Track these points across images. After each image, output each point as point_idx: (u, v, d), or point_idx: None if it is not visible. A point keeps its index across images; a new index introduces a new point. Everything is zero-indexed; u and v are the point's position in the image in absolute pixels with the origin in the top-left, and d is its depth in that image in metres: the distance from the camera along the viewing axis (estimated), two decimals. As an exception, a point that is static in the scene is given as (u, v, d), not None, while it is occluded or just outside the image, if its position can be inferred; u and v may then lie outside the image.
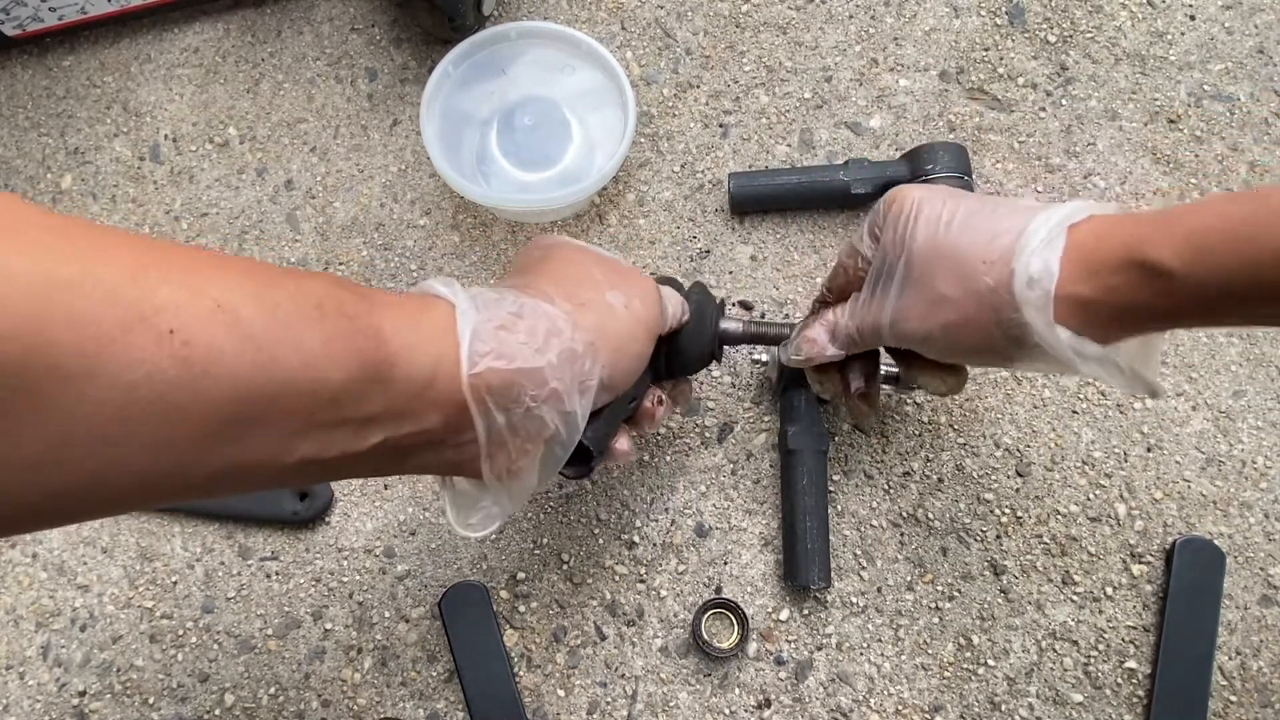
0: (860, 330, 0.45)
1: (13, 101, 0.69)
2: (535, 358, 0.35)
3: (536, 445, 0.37)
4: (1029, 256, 0.37)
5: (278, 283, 0.30)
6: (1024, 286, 0.37)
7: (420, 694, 0.57)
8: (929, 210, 0.41)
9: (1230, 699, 0.55)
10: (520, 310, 0.36)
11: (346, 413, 0.31)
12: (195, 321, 0.27)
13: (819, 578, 0.55)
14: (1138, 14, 0.68)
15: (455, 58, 0.62)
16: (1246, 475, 0.59)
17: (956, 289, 0.39)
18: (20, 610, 0.59)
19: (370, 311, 0.32)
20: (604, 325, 0.39)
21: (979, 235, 0.39)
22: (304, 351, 0.29)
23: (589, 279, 0.41)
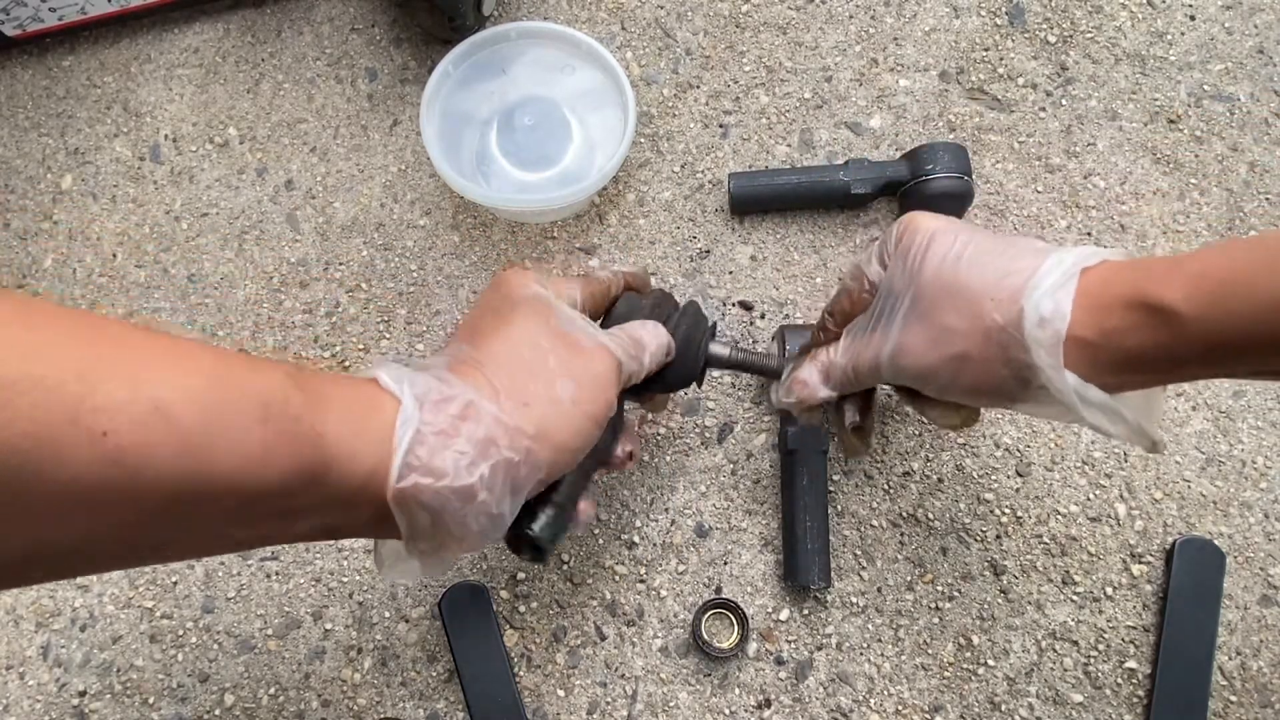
0: (856, 368, 0.45)
1: (13, 101, 0.69)
2: (466, 474, 0.35)
3: (460, 541, 0.37)
4: (1040, 296, 0.36)
5: (228, 379, 0.30)
6: (1034, 326, 0.37)
7: (420, 694, 0.57)
8: (940, 244, 0.40)
9: (1230, 699, 0.55)
10: (464, 412, 0.36)
11: (279, 507, 0.32)
12: (130, 424, 0.27)
13: (819, 578, 0.55)
14: (1138, 14, 0.68)
15: (455, 58, 0.62)
16: (1246, 475, 0.59)
17: (963, 323, 0.39)
18: (20, 610, 0.59)
19: (315, 412, 0.33)
20: (546, 425, 0.38)
21: (990, 272, 0.38)
22: (241, 454, 0.30)
23: (541, 368, 0.40)
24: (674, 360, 0.47)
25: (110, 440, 0.27)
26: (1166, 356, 0.35)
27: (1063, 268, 0.37)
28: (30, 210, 0.67)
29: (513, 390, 0.38)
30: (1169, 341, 0.34)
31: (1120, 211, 0.64)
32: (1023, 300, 0.37)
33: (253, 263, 0.65)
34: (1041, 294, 0.36)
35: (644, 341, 0.44)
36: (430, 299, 0.64)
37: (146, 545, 0.31)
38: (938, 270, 0.40)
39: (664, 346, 0.46)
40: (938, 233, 0.41)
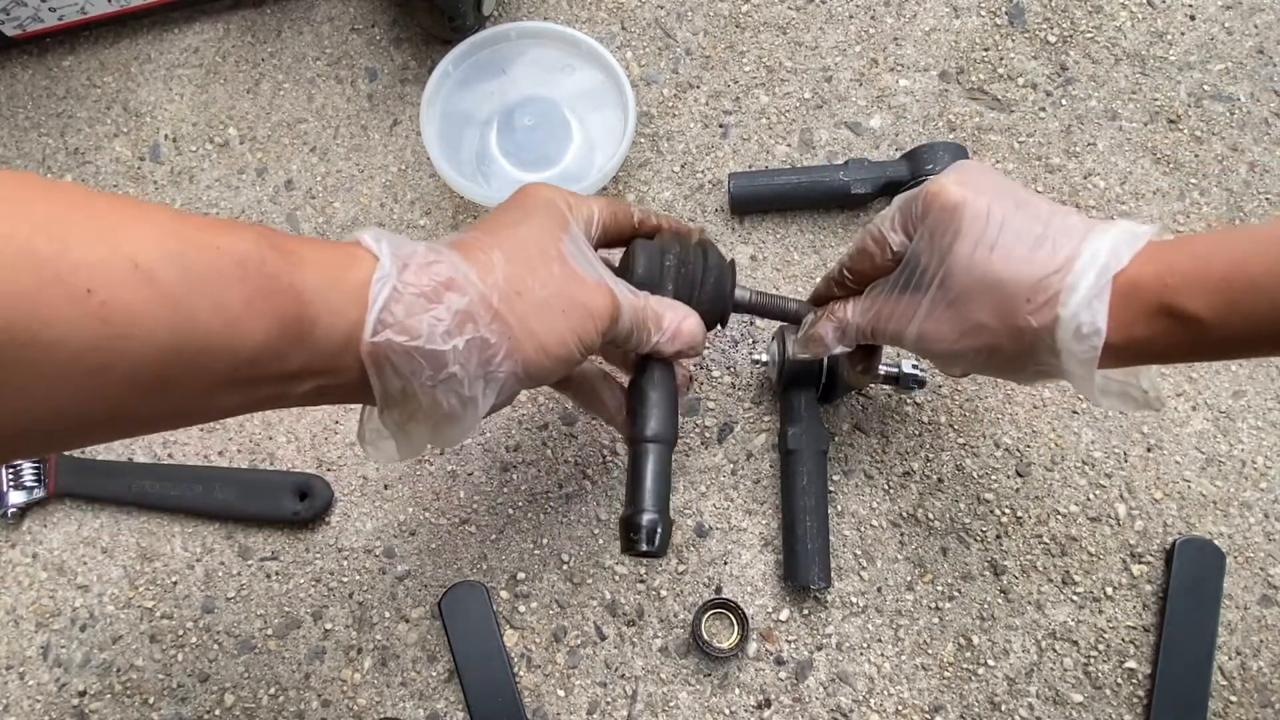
0: (875, 332, 0.45)
1: (13, 101, 0.69)
2: (440, 340, 0.35)
3: (430, 417, 0.37)
4: (1077, 307, 0.37)
5: (199, 239, 0.30)
6: (1070, 337, 0.37)
7: (420, 694, 0.57)
8: (971, 228, 0.39)
9: (1230, 699, 0.55)
10: (450, 282, 0.36)
11: (269, 370, 0.32)
12: (112, 281, 0.27)
13: (819, 578, 0.55)
14: (1138, 14, 0.68)
15: (455, 58, 0.62)
16: (1246, 475, 0.59)
17: (996, 321, 0.39)
18: (20, 610, 0.59)
19: (293, 270, 0.32)
20: (532, 322, 0.38)
21: (1024, 269, 0.38)
22: (223, 311, 0.29)
23: (543, 270, 0.39)
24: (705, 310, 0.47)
25: (95, 298, 0.26)
26: (1186, 353, 0.37)
27: (1096, 269, 0.37)
28: (30, 210, 0.67)
29: (510, 277, 0.38)
30: (1191, 342, 0.36)
31: (1120, 211, 0.64)
32: (1059, 309, 0.37)
33: (253, 263, 0.65)
34: (1078, 303, 0.37)
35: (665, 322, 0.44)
36: (430, 299, 0.64)
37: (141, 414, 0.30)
38: (969, 261, 0.39)
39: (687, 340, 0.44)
40: (967, 212, 0.40)
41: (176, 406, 0.31)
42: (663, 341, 0.44)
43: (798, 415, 0.57)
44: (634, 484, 0.44)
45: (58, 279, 0.25)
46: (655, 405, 0.44)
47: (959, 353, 0.41)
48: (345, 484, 0.61)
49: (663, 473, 0.44)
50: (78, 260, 0.26)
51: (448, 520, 0.60)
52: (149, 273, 0.27)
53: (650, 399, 0.45)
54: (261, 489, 0.59)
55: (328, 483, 0.59)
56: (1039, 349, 0.39)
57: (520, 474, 0.61)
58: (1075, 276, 0.37)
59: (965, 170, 0.41)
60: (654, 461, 0.44)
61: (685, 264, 0.46)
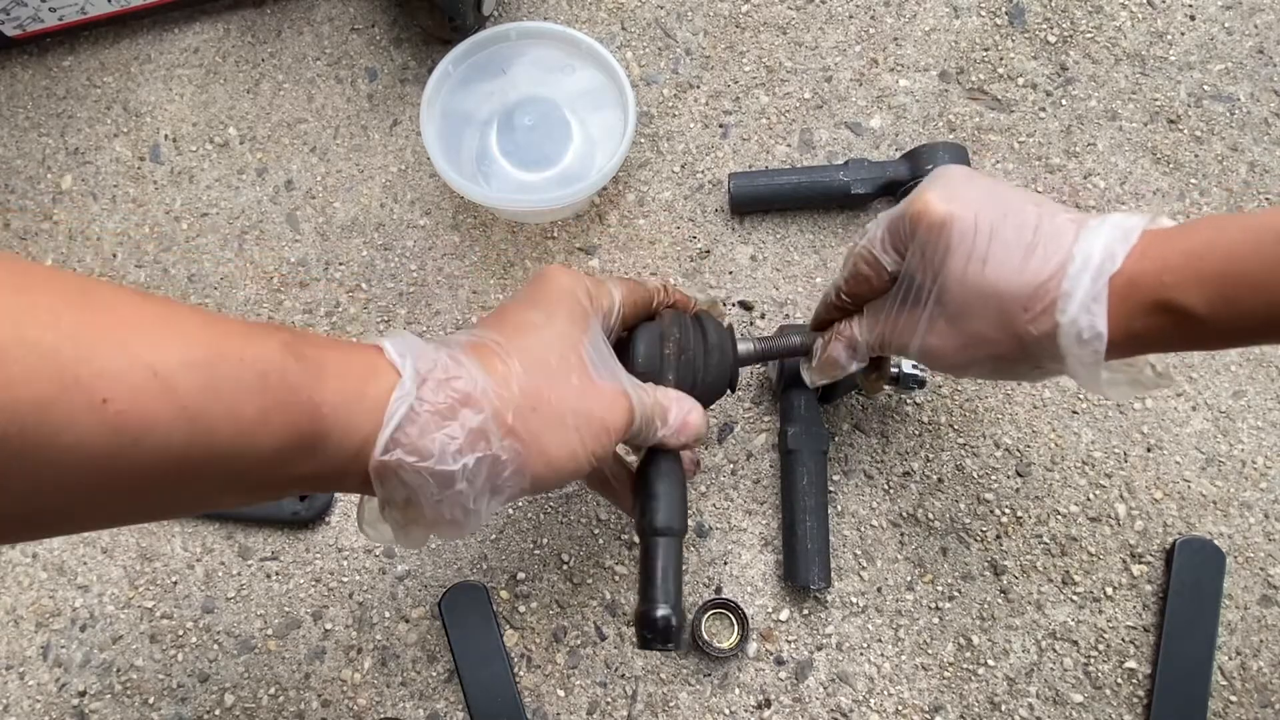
0: (884, 345, 0.46)
1: (13, 101, 0.69)
2: (450, 460, 0.35)
3: (432, 525, 0.37)
4: (1075, 313, 0.37)
5: (224, 348, 0.30)
6: (1072, 342, 0.38)
7: (420, 694, 0.57)
8: (961, 242, 0.40)
9: (1230, 699, 0.55)
10: (467, 398, 0.36)
11: (274, 474, 0.32)
12: (129, 390, 0.27)
13: (819, 578, 0.55)
14: (1138, 14, 0.68)
15: (455, 58, 0.62)
16: (1246, 475, 0.59)
17: (995, 332, 0.40)
18: (20, 610, 0.59)
19: (313, 383, 0.32)
20: (543, 438, 0.38)
21: (1018, 278, 0.38)
22: (239, 421, 0.30)
23: (562, 381, 0.39)
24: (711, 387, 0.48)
25: (110, 407, 0.26)
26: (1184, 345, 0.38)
27: (1091, 271, 0.37)
28: (30, 210, 0.67)
29: (527, 391, 0.38)
30: (1188, 335, 0.36)
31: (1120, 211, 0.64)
32: (1057, 315, 0.37)
33: (253, 263, 0.65)
34: (1076, 309, 0.37)
35: (670, 417, 0.44)
36: (430, 299, 0.64)
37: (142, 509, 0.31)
38: (963, 276, 0.39)
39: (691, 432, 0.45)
40: (955, 228, 0.40)
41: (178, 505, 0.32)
42: (668, 435, 0.44)
43: (798, 415, 0.57)
44: (646, 578, 0.44)
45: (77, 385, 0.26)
46: (663, 497, 0.44)
47: (963, 365, 0.42)
48: (345, 484, 0.61)
49: (674, 565, 0.44)
50: (99, 369, 0.26)
51: (447, 520, 0.60)
52: (167, 381, 0.28)
53: (658, 492, 0.45)
54: (261, 489, 0.59)
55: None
56: (1042, 355, 0.39)
57: (520, 474, 0.61)
58: (1071, 282, 0.37)
59: (948, 181, 0.41)
60: (664, 555, 0.44)
61: (685, 349, 0.47)
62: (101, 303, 0.28)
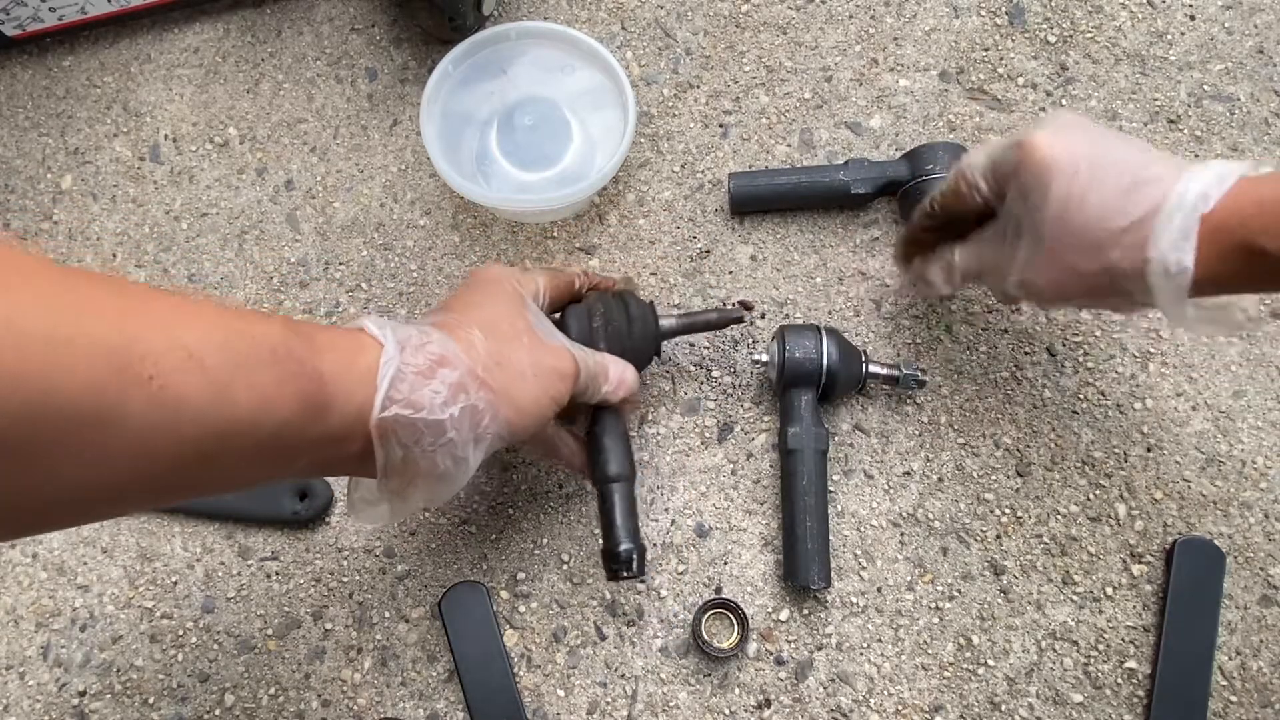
0: (981, 274, 0.49)
1: (13, 101, 0.69)
2: (440, 410, 0.39)
3: (428, 479, 0.41)
4: (1166, 249, 0.40)
5: (238, 328, 0.34)
6: (1160, 276, 0.40)
7: (420, 694, 0.57)
8: (1061, 184, 0.42)
9: (1230, 699, 0.55)
10: (441, 359, 0.40)
11: (289, 442, 0.36)
12: (169, 368, 0.30)
13: (819, 578, 0.55)
14: (1138, 14, 0.68)
15: (455, 58, 0.62)
16: (1246, 475, 0.59)
17: (1091, 265, 0.42)
18: (20, 610, 0.59)
19: (315, 355, 0.36)
20: (510, 388, 0.43)
21: (1113, 216, 0.41)
22: (258, 391, 0.33)
23: (515, 342, 0.45)
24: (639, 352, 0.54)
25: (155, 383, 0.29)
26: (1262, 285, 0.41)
27: (1184, 212, 0.40)
28: (30, 210, 0.67)
29: (490, 351, 0.43)
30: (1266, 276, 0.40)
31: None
32: (1148, 250, 0.40)
33: (253, 263, 0.65)
34: (1167, 246, 0.40)
35: (610, 374, 0.50)
36: (430, 299, 0.64)
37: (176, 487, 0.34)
38: (1061, 214, 0.42)
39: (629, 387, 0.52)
40: (1057, 172, 0.42)
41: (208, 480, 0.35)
42: (609, 390, 0.50)
43: (798, 415, 0.57)
44: (607, 520, 0.51)
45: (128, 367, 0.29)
46: (612, 449, 0.52)
47: (1058, 296, 0.45)
48: (345, 484, 0.60)
49: (630, 506, 0.51)
50: (144, 351, 0.30)
51: (448, 520, 0.60)
52: (200, 359, 0.31)
53: (606, 444, 0.52)
54: (261, 489, 0.59)
55: (328, 483, 0.59)
56: (1132, 288, 0.42)
57: (520, 474, 0.61)
58: (1164, 220, 0.40)
59: (1057, 125, 0.44)
60: (619, 498, 0.51)
61: (610, 321, 0.53)
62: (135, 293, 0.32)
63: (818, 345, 0.56)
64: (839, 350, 0.57)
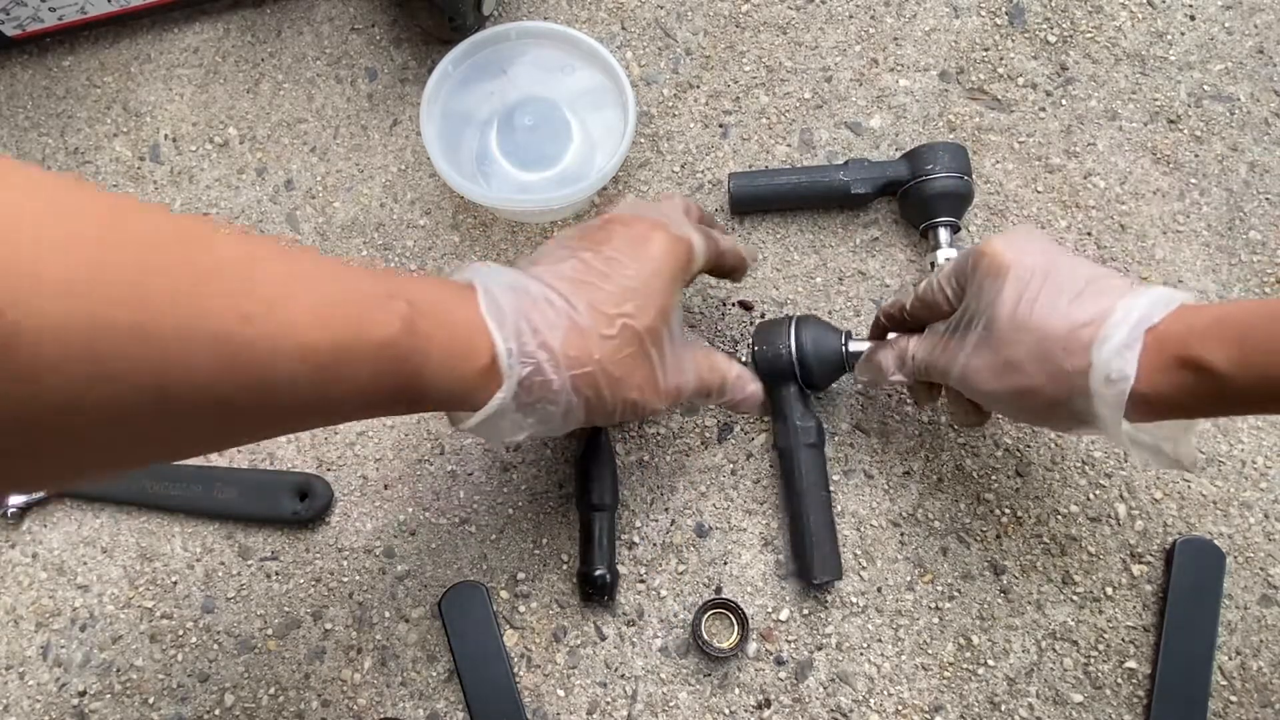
0: (929, 369, 0.49)
1: (13, 101, 0.69)
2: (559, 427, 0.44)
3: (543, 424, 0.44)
4: (1109, 355, 0.40)
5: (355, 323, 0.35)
6: (1101, 382, 0.41)
7: (420, 694, 0.57)
8: (1016, 281, 0.44)
9: (1230, 699, 0.55)
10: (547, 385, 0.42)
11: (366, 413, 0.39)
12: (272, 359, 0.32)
13: (829, 571, 0.55)
14: (1138, 14, 0.68)
15: (455, 58, 0.62)
16: (1246, 475, 0.59)
17: (1033, 364, 0.43)
18: (20, 610, 0.59)
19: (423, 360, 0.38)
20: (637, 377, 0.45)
21: (1062, 320, 0.42)
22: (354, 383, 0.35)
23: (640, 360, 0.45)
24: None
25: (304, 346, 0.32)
26: (1210, 405, 0.40)
27: (1130, 324, 0.40)
28: (30, 210, 0.67)
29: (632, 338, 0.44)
30: (1212, 394, 0.39)
31: (1120, 211, 0.64)
32: (1091, 355, 0.41)
33: (253, 263, 0.65)
34: (1110, 352, 0.40)
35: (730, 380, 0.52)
36: (430, 299, 0.64)
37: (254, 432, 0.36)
38: (1013, 311, 0.43)
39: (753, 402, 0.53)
40: (1014, 270, 0.44)
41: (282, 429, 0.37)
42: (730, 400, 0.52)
43: (781, 411, 0.57)
44: (586, 544, 0.56)
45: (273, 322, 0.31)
46: (598, 479, 0.57)
47: (996, 393, 0.45)
48: (345, 484, 0.61)
49: (609, 534, 0.57)
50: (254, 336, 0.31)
51: (448, 520, 0.60)
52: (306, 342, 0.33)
53: (593, 474, 0.57)
54: (261, 489, 0.59)
55: (328, 483, 0.59)
56: (1073, 393, 0.42)
57: (520, 474, 0.61)
58: (1110, 327, 0.40)
59: (1017, 234, 0.46)
60: (599, 527, 0.56)
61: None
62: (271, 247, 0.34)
63: (785, 338, 0.56)
64: (811, 337, 0.56)
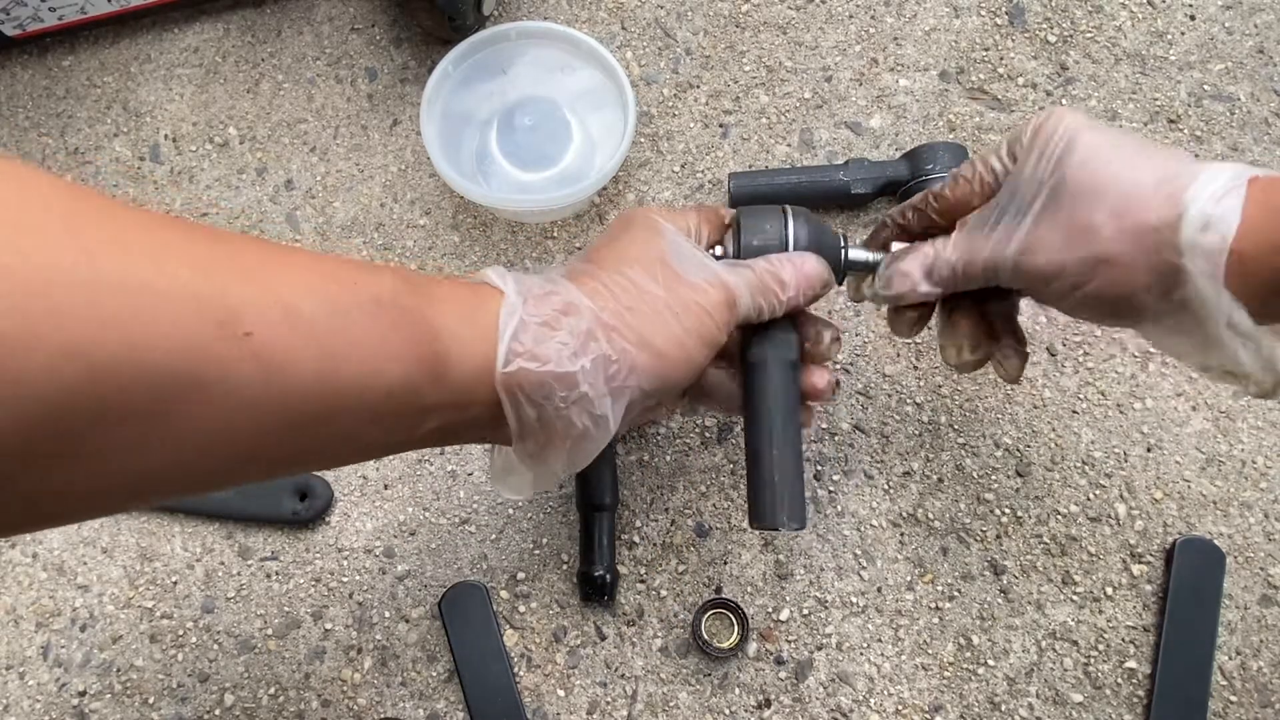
0: (968, 265, 0.41)
1: (13, 101, 0.69)
2: (569, 362, 0.36)
3: (565, 439, 0.38)
4: (1206, 200, 0.34)
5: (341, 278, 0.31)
6: (1196, 230, 0.33)
7: (420, 694, 0.57)
8: (1088, 137, 0.37)
9: (1230, 699, 0.55)
10: (567, 308, 0.37)
11: (403, 406, 0.33)
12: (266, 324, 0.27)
13: (789, 518, 0.43)
14: (1138, 14, 0.68)
15: (455, 58, 0.62)
16: (1246, 475, 0.59)
17: (1111, 222, 0.36)
18: (20, 610, 0.59)
19: (427, 306, 0.34)
20: (647, 333, 0.38)
21: (1147, 172, 0.35)
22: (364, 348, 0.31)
23: (649, 281, 0.40)
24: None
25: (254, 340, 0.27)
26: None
27: (1228, 173, 0.34)
28: (30, 210, 0.67)
29: (620, 295, 0.39)
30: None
31: (1120, 211, 0.64)
32: (1185, 201, 0.34)
33: (253, 263, 0.65)
34: (1208, 197, 0.34)
35: (786, 277, 0.42)
36: (430, 299, 0.64)
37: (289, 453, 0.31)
38: (1084, 164, 0.37)
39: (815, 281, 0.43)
40: (1082, 128, 0.38)
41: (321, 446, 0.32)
42: (793, 296, 0.43)
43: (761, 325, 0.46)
44: (587, 544, 0.56)
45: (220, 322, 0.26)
46: (598, 479, 0.56)
47: (1065, 266, 0.37)
48: (345, 484, 0.61)
49: (609, 534, 0.56)
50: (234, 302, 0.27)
51: (448, 520, 0.60)
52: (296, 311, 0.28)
53: (593, 474, 0.56)
54: (261, 489, 0.59)
55: (328, 483, 0.59)
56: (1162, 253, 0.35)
57: (520, 474, 0.61)
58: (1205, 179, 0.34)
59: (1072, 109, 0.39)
60: (599, 527, 0.56)
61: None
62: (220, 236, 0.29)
63: (780, 229, 0.45)
64: (809, 234, 0.45)
